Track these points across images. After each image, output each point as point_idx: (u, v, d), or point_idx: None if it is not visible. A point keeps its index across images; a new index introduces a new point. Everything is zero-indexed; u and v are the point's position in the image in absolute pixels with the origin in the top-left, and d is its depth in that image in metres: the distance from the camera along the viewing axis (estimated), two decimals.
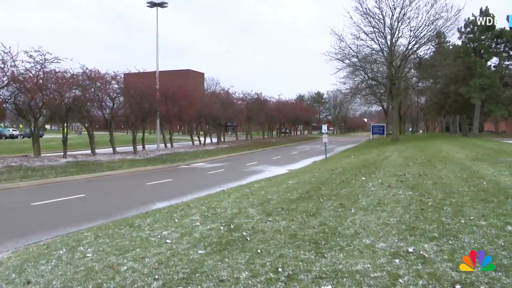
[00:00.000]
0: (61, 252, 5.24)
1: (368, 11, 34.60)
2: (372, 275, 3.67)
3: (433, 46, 38.62)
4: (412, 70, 42.60)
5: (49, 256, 5.09)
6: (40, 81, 17.97)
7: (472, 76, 37.77)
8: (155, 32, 29.06)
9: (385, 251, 4.29)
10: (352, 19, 39.84)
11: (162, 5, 28.44)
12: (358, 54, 37.02)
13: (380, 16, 34.66)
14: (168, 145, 30.28)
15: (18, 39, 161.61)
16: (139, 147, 25.66)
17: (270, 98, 48.60)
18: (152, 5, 28.41)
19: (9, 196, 12.23)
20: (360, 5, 34.77)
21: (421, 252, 4.19)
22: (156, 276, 3.94)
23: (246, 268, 4.02)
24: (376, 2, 34.21)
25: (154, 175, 17.26)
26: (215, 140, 36.30)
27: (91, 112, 22.50)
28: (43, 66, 18.02)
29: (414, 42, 35.31)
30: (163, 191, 13.27)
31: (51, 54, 18.06)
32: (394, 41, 35.51)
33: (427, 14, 33.45)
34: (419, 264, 3.89)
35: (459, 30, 40.56)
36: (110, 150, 23.64)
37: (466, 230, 4.91)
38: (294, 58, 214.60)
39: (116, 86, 23.95)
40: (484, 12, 39.17)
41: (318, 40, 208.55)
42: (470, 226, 5.06)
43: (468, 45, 40.81)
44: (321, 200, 7.34)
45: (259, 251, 4.51)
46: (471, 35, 40.69)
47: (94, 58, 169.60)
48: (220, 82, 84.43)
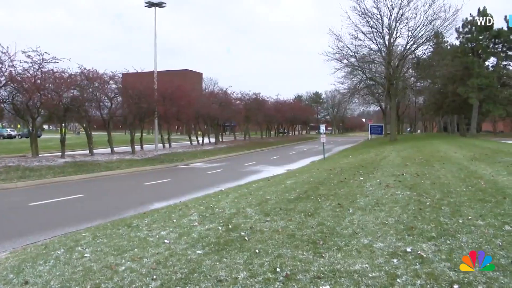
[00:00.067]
0: (59, 252, 5.23)
1: (366, 11, 34.75)
2: (370, 275, 3.67)
3: (431, 46, 38.75)
4: (410, 70, 42.72)
5: (47, 256, 5.08)
6: (38, 81, 17.95)
7: (470, 76, 37.88)
8: (154, 32, 29.12)
9: (383, 251, 4.29)
10: (350, 19, 39.87)
11: (160, 5, 28.42)
12: (356, 54, 37.13)
13: (378, 16, 34.80)
14: (166, 145, 30.26)
15: (17, 39, 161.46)
16: (137, 147, 25.63)
17: (268, 98, 48.79)
18: (150, 5, 28.38)
19: (7, 196, 12.20)
20: (358, 5, 34.97)
21: (419, 252, 4.19)
22: (154, 276, 3.94)
23: (244, 268, 4.02)
24: (374, 2, 34.38)
25: (152, 175, 17.25)
26: (213, 140, 36.28)
27: (89, 112, 22.51)
28: (41, 66, 18.02)
29: (412, 42, 35.42)
30: (161, 191, 13.26)
31: (49, 54, 18.11)
32: (392, 41, 35.60)
33: (425, 14, 33.62)
34: (417, 264, 3.89)
35: (457, 30, 40.69)
36: (108, 150, 23.62)
37: (464, 230, 4.92)
38: (293, 58, 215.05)
39: (114, 86, 23.97)
40: (482, 12, 39.25)
41: (316, 40, 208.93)
42: (468, 226, 5.07)
43: (466, 45, 40.93)
44: (319, 200, 7.34)
45: (257, 251, 4.50)
46: (469, 35, 40.78)
47: (94, 58, 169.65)
48: (218, 82, 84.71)
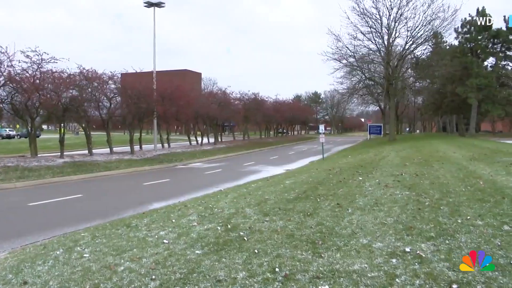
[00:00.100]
0: (58, 252, 5.22)
1: (365, 11, 34.71)
2: (369, 275, 3.68)
3: (430, 46, 38.83)
4: (409, 70, 42.75)
5: (46, 257, 5.07)
6: (37, 81, 17.93)
7: (469, 76, 37.93)
8: (153, 32, 29.11)
9: (382, 251, 4.29)
10: (349, 19, 40.03)
11: (159, 5, 28.40)
12: (355, 54, 37.13)
13: (377, 16, 34.78)
14: (165, 145, 30.25)
15: (17, 39, 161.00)
16: (136, 147, 25.62)
17: (267, 98, 48.79)
18: (149, 5, 28.36)
19: (5, 196, 12.18)
20: (357, 5, 34.92)
21: (418, 251, 4.19)
22: (153, 276, 3.93)
23: (243, 268, 4.02)
24: (373, 2, 34.27)
25: (151, 175, 17.24)
26: (212, 140, 36.28)
27: (88, 112, 22.47)
28: (40, 66, 18.00)
29: (411, 42, 35.45)
30: (160, 191, 13.25)
31: (48, 54, 18.08)
32: (391, 41, 35.59)
33: (424, 14, 33.62)
34: (416, 263, 3.89)
35: (456, 30, 40.76)
36: (107, 150, 23.60)
37: (463, 229, 4.92)
38: (292, 58, 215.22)
39: (113, 86, 23.94)
40: (481, 12, 39.31)
41: (315, 40, 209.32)
42: (467, 226, 5.07)
43: (465, 45, 40.99)
44: (318, 200, 7.34)
45: (256, 251, 4.50)
46: (468, 35, 40.85)
47: (94, 58, 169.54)
48: (217, 82, 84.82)
